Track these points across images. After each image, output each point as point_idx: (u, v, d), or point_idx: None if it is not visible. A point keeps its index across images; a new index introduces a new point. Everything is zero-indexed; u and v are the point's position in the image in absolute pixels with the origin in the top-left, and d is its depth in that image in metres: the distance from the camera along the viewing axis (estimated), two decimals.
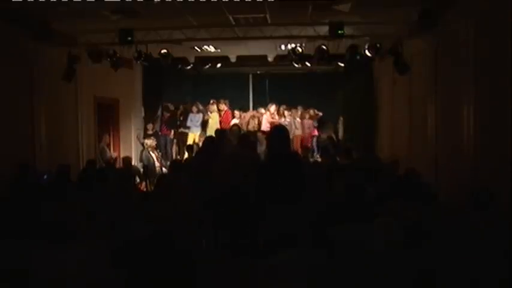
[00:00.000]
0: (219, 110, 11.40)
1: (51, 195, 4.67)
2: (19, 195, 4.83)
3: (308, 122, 11.34)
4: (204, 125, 11.18)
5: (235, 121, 10.93)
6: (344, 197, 4.04)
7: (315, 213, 3.73)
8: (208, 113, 11.23)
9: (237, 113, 11.37)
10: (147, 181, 9.22)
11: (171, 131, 11.24)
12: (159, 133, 10.99)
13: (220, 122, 11.11)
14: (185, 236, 3.57)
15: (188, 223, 3.86)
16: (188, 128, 11.17)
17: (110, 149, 9.79)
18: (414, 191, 4.40)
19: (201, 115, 11.22)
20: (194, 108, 11.26)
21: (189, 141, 10.87)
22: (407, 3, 6.23)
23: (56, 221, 3.35)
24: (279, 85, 12.33)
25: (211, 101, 11.31)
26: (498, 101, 4.76)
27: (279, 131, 4.33)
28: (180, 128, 11.33)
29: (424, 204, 3.92)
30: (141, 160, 9.75)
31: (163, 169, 9.31)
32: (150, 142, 9.71)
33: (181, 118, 11.41)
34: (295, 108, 11.47)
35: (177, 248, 2.94)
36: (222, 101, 11.56)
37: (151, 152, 9.52)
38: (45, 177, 6.18)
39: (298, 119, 11.22)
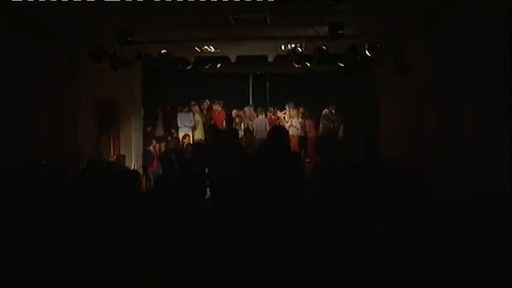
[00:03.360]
0: (211, 110, 11.49)
1: (50, 196, 4.66)
2: (18, 195, 4.81)
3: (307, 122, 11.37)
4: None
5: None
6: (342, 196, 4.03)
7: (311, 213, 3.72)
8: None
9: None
10: (147, 182, 9.24)
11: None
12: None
13: (214, 122, 11.18)
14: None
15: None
16: (178, 128, 11.07)
17: (110, 150, 9.78)
18: (413, 192, 4.38)
19: (191, 114, 11.17)
20: (185, 108, 11.20)
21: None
22: (407, 3, 6.23)
23: (56, 222, 3.36)
24: (279, 85, 12.36)
25: (192, 102, 11.34)
26: (498, 100, 4.76)
27: (276, 132, 4.33)
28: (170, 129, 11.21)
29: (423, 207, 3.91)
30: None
31: None
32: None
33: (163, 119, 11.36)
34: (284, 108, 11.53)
35: None
36: (216, 101, 11.61)
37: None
38: (43, 162, 6.19)
39: (296, 119, 11.26)
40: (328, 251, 3.07)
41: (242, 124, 11.41)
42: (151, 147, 10.15)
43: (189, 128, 10.99)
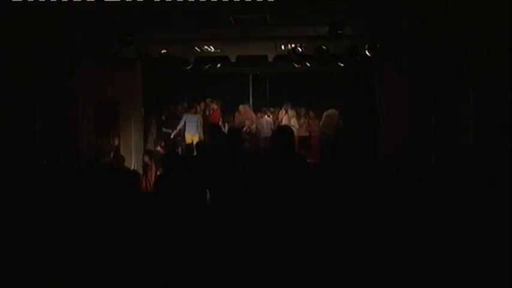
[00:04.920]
0: (207, 110, 11.51)
1: (52, 196, 4.66)
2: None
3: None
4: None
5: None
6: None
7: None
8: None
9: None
10: (147, 181, 9.24)
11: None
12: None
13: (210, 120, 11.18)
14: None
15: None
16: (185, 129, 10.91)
17: (109, 150, 9.76)
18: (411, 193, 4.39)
19: (198, 116, 11.00)
20: (192, 109, 11.04)
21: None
22: (407, 3, 6.23)
23: (56, 222, 3.35)
24: (279, 85, 12.38)
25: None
26: (498, 100, 4.76)
27: (281, 132, 4.30)
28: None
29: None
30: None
31: None
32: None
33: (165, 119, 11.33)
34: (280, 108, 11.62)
35: None
36: (214, 101, 11.61)
37: None
38: (44, 162, 6.21)
39: (294, 119, 11.32)
40: (328, 251, 3.07)
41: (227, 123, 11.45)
42: (159, 147, 10.12)
43: (195, 131, 10.70)
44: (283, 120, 11.34)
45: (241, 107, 11.73)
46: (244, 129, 11.04)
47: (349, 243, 3.26)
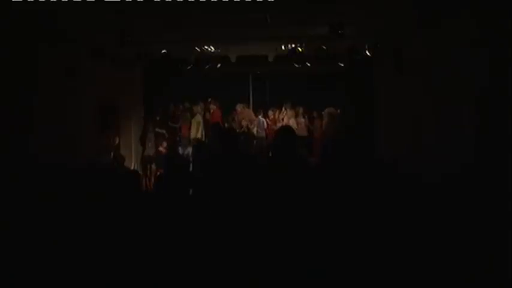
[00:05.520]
0: (207, 112, 11.49)
1: (52, 196, 4.67)
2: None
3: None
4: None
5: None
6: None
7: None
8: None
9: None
10: (147, 181, 9.26)
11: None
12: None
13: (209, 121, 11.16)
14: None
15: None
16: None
17: (110, 150, 9.76)
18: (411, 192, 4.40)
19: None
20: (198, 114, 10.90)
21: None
22: (407, 4, 6.24)
23: (57, 222, 3.36)
24: (279, 85, 12.39)
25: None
26: (498, 101, 4.77)
27: (283, 132, 4.28)
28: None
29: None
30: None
31: None
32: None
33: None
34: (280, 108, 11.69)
35: None
36: (212, 101, 11.62)
37: None
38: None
39: (293, 119, 11.34)
40: (330, 252, 3.08)
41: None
42: (161, 147, 10.10)
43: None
44: (283, 120, 11.36)
45: (238, 106, 11.75)
46: (243, 129, 11.06)
47: (350, 242, 3.27)
